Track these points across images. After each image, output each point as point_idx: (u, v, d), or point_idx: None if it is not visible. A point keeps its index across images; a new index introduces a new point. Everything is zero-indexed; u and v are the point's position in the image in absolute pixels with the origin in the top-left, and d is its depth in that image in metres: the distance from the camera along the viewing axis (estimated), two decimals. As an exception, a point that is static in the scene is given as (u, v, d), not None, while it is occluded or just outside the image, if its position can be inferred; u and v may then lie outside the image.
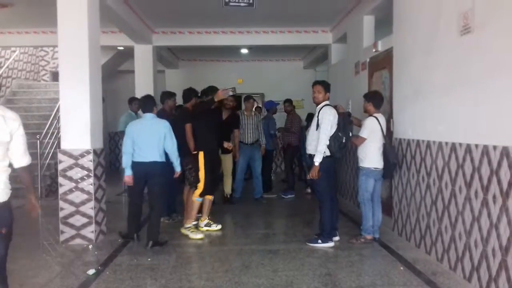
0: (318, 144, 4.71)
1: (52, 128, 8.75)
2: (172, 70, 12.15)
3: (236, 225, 6.10)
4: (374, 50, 6.17)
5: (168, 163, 5.07)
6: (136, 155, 4.85)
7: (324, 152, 4.70)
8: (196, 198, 5.34)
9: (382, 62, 5.95)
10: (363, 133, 4.94)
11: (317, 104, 4.92)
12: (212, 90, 5.53)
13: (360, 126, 5.11)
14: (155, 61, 9.14)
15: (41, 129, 8.85)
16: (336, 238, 4.98)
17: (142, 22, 7.90)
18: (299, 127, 8.33)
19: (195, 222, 5.37)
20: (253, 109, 7.67)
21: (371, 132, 4.92)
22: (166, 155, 5.02)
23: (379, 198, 5.09)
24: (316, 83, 5.03)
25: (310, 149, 4.89)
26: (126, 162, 4.84)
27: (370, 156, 4.93)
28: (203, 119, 5.41)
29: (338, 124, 4.75)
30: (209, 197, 5.56)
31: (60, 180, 5.00)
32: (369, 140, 4.93)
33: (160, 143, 4.88)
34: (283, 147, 8.50)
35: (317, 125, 4.77)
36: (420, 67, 4.68)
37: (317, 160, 4.71)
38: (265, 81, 12.11)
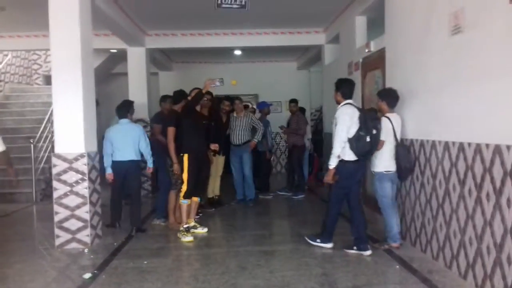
0: (333, 147, 4.53)
1: (46, 132, 8.69)
2: (165, 72, 12.12)
3: (232, 227, 6.10)
4: (366, 50, 6.19)
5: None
6: (115, 155, 5.55)
7: (343, 156, 4.50)
8: (182, 200, 5.36)
9: (375, 62, 5.97)
10: (381, 135, 4.60)
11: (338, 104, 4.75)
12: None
13: None
14: (148, 63, 9.12)
15: (34, 133, 8.78)
16: (368, 252, 4.55)
17: (135, 24, 7.88)
18: (305, 127, 8.29)
19: (186, 225, 5.35)
20: (244, 110, 7.57)
21: (386, 134, 4.61)
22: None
23: (394, 201, 4.77)
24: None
25: None
26: (107, 162, 5.53)
27: (381, 159, 4.65)
28: (190, 120, 5.39)
29: (360, 122, 4.45)
30: (195, 199, 5.55)
31: (55, 184, 4.98)
32: None
33: (135, 144, 5.59)
34: (288, 149, 8.44)
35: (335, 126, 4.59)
36: (413, 67, 4.70)
37: (331, 164, 4.54)
38: (259, 82, 12.10)
